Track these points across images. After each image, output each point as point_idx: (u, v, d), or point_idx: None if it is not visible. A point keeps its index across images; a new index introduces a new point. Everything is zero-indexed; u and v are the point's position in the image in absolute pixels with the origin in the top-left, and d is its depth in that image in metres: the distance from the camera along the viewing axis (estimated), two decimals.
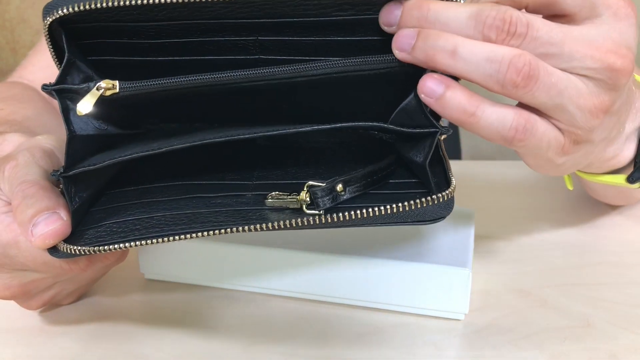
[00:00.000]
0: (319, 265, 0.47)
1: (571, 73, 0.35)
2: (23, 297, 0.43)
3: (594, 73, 0.35)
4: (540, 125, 0.36)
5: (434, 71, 0.36)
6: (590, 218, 0.62)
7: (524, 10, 0.37)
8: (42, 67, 0.69)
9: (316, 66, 0.36)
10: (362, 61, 0.36)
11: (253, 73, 0.36)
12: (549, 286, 0.50)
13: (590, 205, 0.64)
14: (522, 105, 0.37)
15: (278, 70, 0.36)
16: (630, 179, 0.47)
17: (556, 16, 0.35)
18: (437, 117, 0.39)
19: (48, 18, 0.36)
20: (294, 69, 0.36)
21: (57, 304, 0.48)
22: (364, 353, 0.43)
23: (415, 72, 0.36)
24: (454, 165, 0.39)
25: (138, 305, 0.49)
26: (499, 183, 0.71)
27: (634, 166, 0.47)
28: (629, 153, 0.46)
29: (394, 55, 0.36)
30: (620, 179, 0.48)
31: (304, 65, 0.36)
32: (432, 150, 0.37)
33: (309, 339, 0.44)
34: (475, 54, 0.33)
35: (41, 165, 0.40)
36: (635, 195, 0.60)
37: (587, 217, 0.62)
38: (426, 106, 0.37)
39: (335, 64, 0.36)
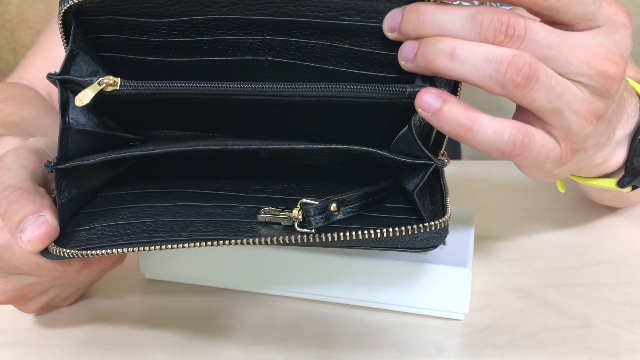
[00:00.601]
0: (319, 265, 0.47)
1: (567, 79, 0.35)
2: (19, 301, 0.43)
3: (588, 79, 0.35)
4: (539, 138, 0.36)
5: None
6: (590, 218, 0.62)
7: (522, 12, 0.37)
8: (41, 67, 0.69)
9: (315, 88, 0.36)
10: (362, 89, 0.36)
11: (252, 87, 0.37)
12: (549, 286, 0.50)
13: (589, 206, 0.64)
14: (519, 117, 0.37)
15: (278, 88, 0.36)
16: (621, 184, 0.48)
17: (554, 23, 0.35)
18: (437, 149, 0.38)
19: (63, 6, 0.36)
20: (294, 88, 0.36)
21: (55, 306, 0.48)
22: (364, 353, 0.43)
23: (412, 103, 0.36)
24: (454, 165, 0.39)
25: (138, 305, 0.49)
26: (499, 183, 0.71)
27: (625, 170, 0.47)
28: (619, 158, 0.46)
29: (392, 88, 0.36)
30: (611, 183, 0.48)
31: (304, 85, 0.36)
32: (422, 181, 0.37)
33: (309, 339, 0.44)
34: (473, 55, 0.33)
35: (26, 165, 0.40)
36: (631, 198, 0.60)
37: (587, 217, 0.62)
38: (420, 138, 0.37)
39: (334, 88, 0.36)
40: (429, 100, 0.35)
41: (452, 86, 0.37)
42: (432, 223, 0.35)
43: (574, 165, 0.39)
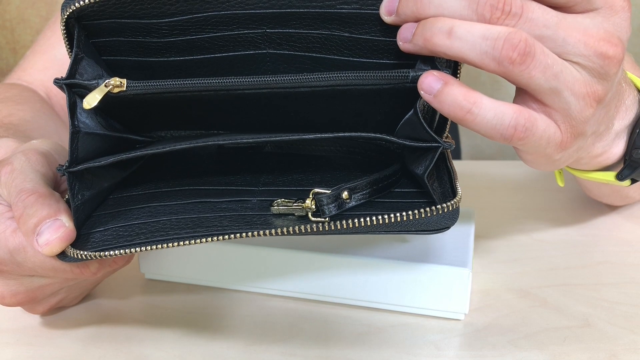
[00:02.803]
0: (319, 265, 0.47)
1: (564, 59, 0.35)
2: (30, 303, 0.43)
3: (586, 60, 0.35)
4: (541, 122, 0.36)
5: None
6: (590, 218, 0.62)
7: None
8: (40, 68, 0.69)
9: (320, 78, 0.37)
10: (365, 76, 0.36)
11: (257, 80, 0.37)
12: (549, 286, 0.50)
13: (589, 206, 0.64)
14: (519, 100, 0.37)
15: (282, 79, 0.37)
16: (620, 176, 0.48)
17: (551, 7, 0.35)
18: (440, 131, 0.39)
19: (65, 12, 0.36)
20: (298, 79, 0.37)
21: (62, 307, 0.47)
22: (364, 353, 0.43)
23: (416, 90, 0.36)
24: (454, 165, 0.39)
25: (138, 305, 0.49)
26: (499, 183, 0.71)
27: (624, 163, 0.47)
28: (618, 150, 0.46)
29: (395, 73, 0.36)
30: (610, 176, 0.48)
31: (308, 76, 0.37)
32: (432, 164, 0.37)
33: (309, 339, 0.44)
34: (471, 32, 0.34)
35: (37, 169, 0.40)
36: (630, 194, 0.60)
37: (587, 217, 0.62)
38: (425, 120, 0.37)
39: (338, 77, 0.37)
40: (430, 82, 0.35)
41: (452, 68, 0.37)
42: (444, 205, 0.36)
43: (574, 152, 0.40)
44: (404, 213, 0.36)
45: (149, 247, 0.36)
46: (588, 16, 0.35)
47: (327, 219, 0.37)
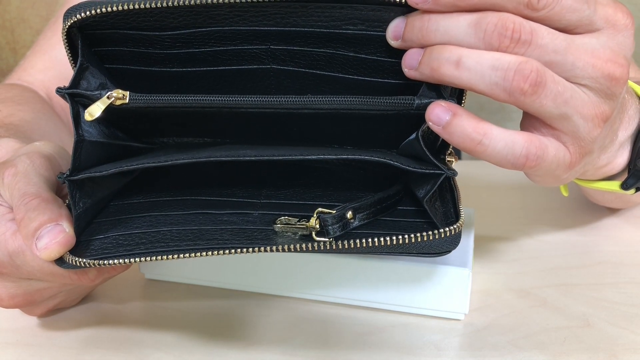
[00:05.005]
0: (319, 265, 0.47)
1: (573, 82, 0.35)
2: (28, 306, 0.43)
3: (593, 82, 0.35)
4: (551, 149, 0.36)
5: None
6: (590, 219, 0.62)
7: None
8: (40, 68, 0.69)
9: (324, 101, 0.36)
10: (370, 102, 0.36)
11: (260, 100, 0.37)
12: (549, 286, 0.50)
13: (589, 207, 0.64)
14: (526, 122, 0.37)
15: (286, 101, 0.37)
16: (625, 186, 0.48)
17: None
18: (444, 148, 0.38)
19: (67, 22, 0.36)
20: (302, 101, 0.37)
21: (61, 307, 0.47)
22: (364, 353, 0.43)
23: (421, 114, 0.36)
24: (454, 165, 0.39)
25: (138, 305, 0.49)
26: (499, 183, 0.71)
27: (628, 172, 0.47)
28: (622, 160, 0.46)
29: (400, 100, 0.36)
30: (615, 185, 0.48)
31: (312, 98, 0.37)
32: (433, 189, 0.37)
33: (309, 339, 0.44)
34: (480, 63, 0.33)
35: (41, 173, 0.40)
36: (632, 199, 0.60)
37: (587, 218, 0.62)
38: (428, 143, 0.37)
39: (343, 101, 0.36)
40: (438, 114, 0.35)
41: (458, 94, 0.37)
42: (447, 229, 0.36)
43: (581, 168, 0.39)
44: (405, 235, 0.35)
45: (148, 258, 0.36)
46: (593, 36, 0.35)
47: (331, 239, 0.37)
